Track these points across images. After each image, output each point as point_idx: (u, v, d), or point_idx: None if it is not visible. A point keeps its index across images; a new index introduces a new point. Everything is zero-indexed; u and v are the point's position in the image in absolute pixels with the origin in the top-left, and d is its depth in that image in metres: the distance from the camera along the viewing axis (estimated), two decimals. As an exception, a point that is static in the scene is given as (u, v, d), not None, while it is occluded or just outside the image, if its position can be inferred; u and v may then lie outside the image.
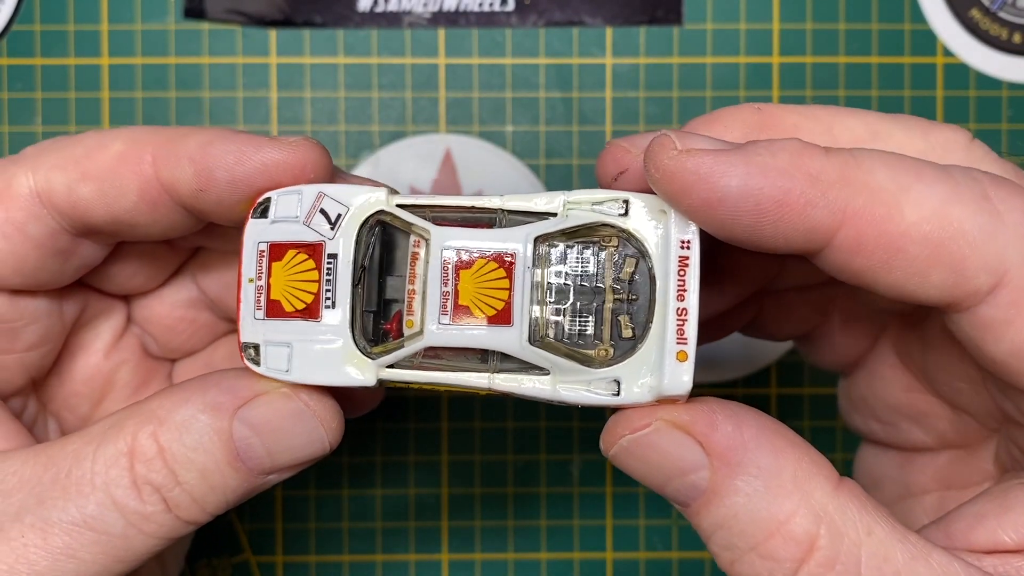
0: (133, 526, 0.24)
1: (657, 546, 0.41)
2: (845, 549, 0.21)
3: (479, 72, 0.41)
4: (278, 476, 0.26)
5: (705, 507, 0.22)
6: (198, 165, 0.25)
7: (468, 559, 0.41)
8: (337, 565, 0.41)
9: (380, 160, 0.41)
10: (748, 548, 0.22)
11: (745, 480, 0.22)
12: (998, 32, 0.41)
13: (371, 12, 0.41)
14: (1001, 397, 0.25)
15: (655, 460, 0.23)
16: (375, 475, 0.41)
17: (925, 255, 0.21)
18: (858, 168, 0.21)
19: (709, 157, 0.21)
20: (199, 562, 0.41)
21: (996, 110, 0.41)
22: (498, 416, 0.41)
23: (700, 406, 0.23)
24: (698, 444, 0.22)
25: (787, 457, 0.22)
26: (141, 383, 0.32)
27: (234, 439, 0.24)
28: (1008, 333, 0.21)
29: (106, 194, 0.26)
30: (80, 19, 0.40)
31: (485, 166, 0.41)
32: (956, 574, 0.21)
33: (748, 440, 0.22)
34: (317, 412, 0.25)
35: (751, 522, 0.22)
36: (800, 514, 0.21)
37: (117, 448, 0.24)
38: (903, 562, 0.21)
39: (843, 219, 0.21)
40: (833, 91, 0.41)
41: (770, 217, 0.21)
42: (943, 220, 0.21)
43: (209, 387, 0.25)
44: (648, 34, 0.41)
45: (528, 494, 0.41)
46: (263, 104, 0.41)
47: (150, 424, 0.24)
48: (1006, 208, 0.21)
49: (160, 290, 0.32)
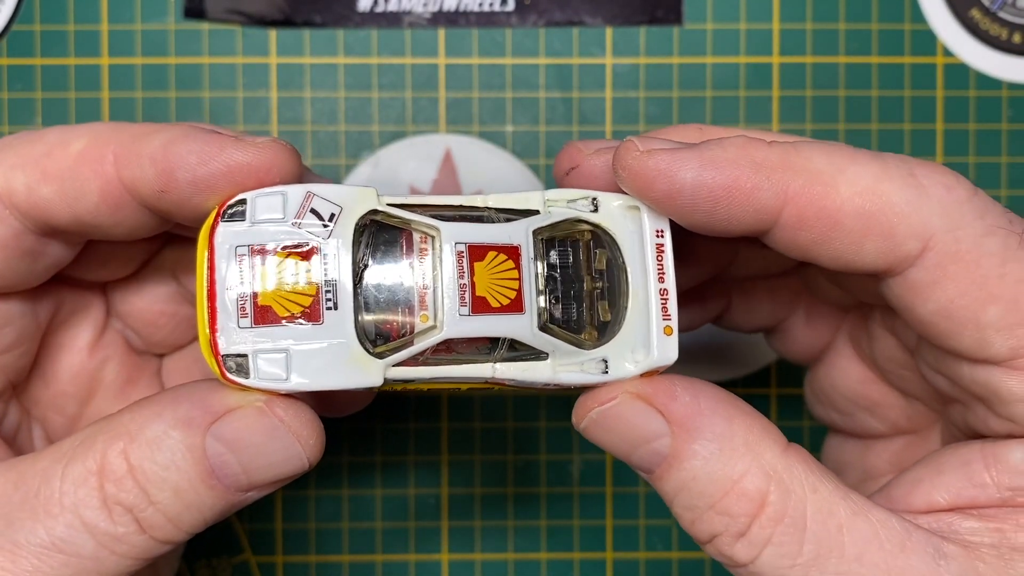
0: (104, 548, 0.23)
1: (657, 546, 0.41)
2: (793, 504, 0.23)
3: (479, 72, 0.41)
4: (257, 493, 0.25)
5: (667, 471, 0.24)
6: (159, 166, 0.24)
7: (468, 559, 0.41)
8: (337, 565, 0.41)
9: (380, 160, 0.41)
10: (707, 507, 0.24)
11: (702, 444, 0.24)
12: (998, 32, 0.41)
13: (371, 12, 0.41)
14: (932, 374, 0.27)
15: (621, 430, 0.25)
16: (375, 475, 0.41)
17: (860, 226, 0.24)
18: (798, 155, 0.24)
19: (667, 155, 0.24)
20: (199, 562, 0.41)
21: (996, 110, 0.41)
22: (498, 416, 0.41)
23: (661, 380, 0.25)
24: (659, 413, 0.24)
25: (739, 423, 0.24)
26: (128, 380, 0.32)
27: (208, 456, 0.24)
28: (935, 293, 0.24)
29: (67, 194, 0.25)
30: (80, 19, 0.40)
31: (485, 166, 0.41)
32: (893, 527, 0.24)
33: (704, 408, 0.24)
34: (292, 428, 0.24)
35: (708, 482, 0.24)
36: (752, 473, 0.24)
37: (86, 467, 0.24)
38: (845, 516, 0.24)
39: (786, 199, 0.24)
40: (833, 91, 0.41)
41: (723, 202, 0.24)
42: (874, 195, 0.24)
43: (181, 401, 0.24)
44: (648, 34, 0.41)
45: (528, 494, 0.41)
46: (263, 104, 0.41)
47: (120, 441, 0.24)
48: (929, 183, 0.24)
49: (139, 284, 0.31)
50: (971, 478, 0.25)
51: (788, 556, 0.23)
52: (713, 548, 0.24)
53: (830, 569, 0.23)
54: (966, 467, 0.25)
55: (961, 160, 0.41)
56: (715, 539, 0.24)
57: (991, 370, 0.24)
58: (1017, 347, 0.24)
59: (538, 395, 0.24)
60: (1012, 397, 0.24)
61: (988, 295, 0.23)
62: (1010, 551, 0.24)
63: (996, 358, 0.24)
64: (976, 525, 0.24)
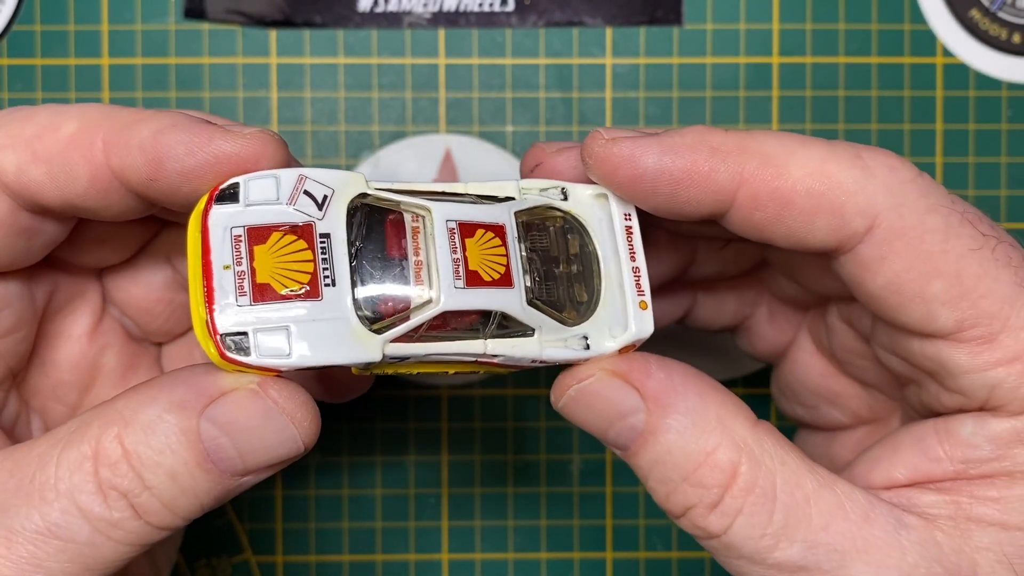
0: (100, 533, 0.23)
1: (657, 546, 0.41)
2: (763, 475, 0.24)
3: (479, 72, 0.41)
4: (254, 477, 0.25)
5: (643, 446, 0.25)
6: (148, 155, 0.24)
7: (468, 559, 0.41)
8: (337, 565, 0.41)
9: (380, 160, 0.41)
10: (681, 479, 0.25)
11: (675, 419, 0.25)
12: (998, 32, 0.41)
13: (371, 12, 0.41)
14: (887, 356, 0.28)
15: (598, 406, 0.26)
16: (375, 475, 0.41)
17: (810, 205, 0.25)
18: (752, 139, 0.25)
19: (630, 142, 0.26)
20: (199, 562, 0.41)
21: (996, 110, 0.41)
22: (498, 416, 0.41)
23: (636, 357, 0.26)
24: (634, 390, 0.25)
25: (711, 399, 0.25)
26: (128, 368, 0.32)
27: (202, 439, 0.24)
28: (882, 268, 0.25)
29: (56, 177, 0.25)
30: (80, 19, 0.40)
31: (485, 166, 0.41)
32: (857, 499, 0.25)
33: (678, 385, 0.25)
34: (287, 410, 0.24)
35: (682, 455, 0.25)
36: (723, 446, 0.25)
37: (81, 452, 0.24)
38: (812, 488, 0.25)
39: (740, 180, 0.25)
40: (833, 91, 0.41)
41: (683, 185, 0.25)
42: (823, 175, 0.25)
43: (176, 384, 0.24)
44: (648, 34, 0.41)
45: (528, 494, 0.41)
46: (263, 104, 0.41)
47: (115, 425, 0.24)
48: (875, 164, 0.25)
49: (134, 272, 0.31)
50: (926, 453, 0.26)
51: (759, 526, 0.24)
52: (687, 521, 0.25)
53: (798, 538, 0.24)
54: (921, 443, 0.26)
55: (961, 160, 0.41)
56: (689, 511, 0.25)
57: (938, 344, 0.25)
58: (961, 319, 0.25)
59: (522, 371, 0.25)
60: (959, 369, 0.25)
61: (932, 269, 0.24)
62: (966, 521, 0.25)
63: (943, 331, 0.25)
64: (933, 498, 0.25)
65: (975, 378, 0.25)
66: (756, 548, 0.24)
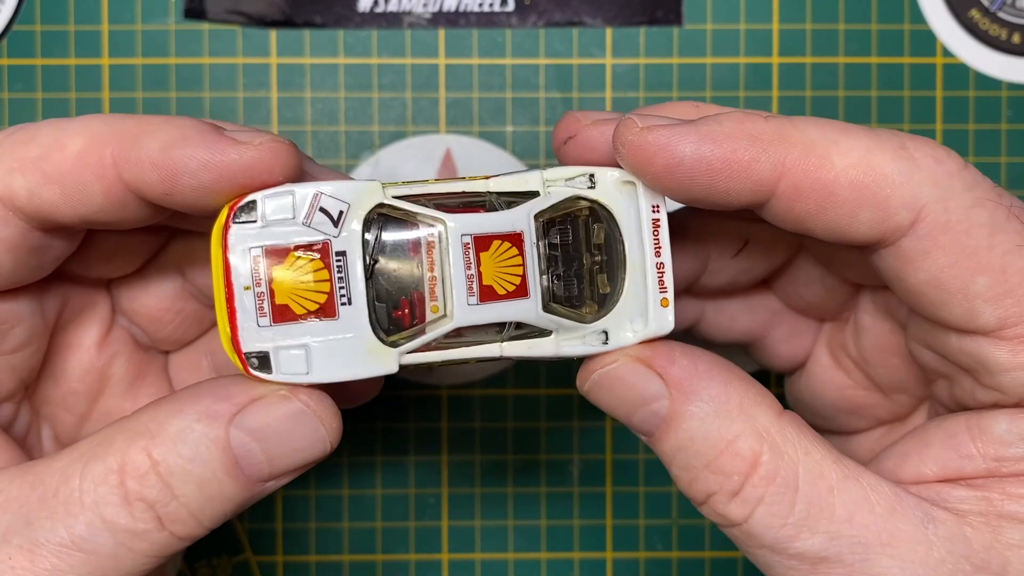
0: (123, 545, 0.24)
1: (657, 546, 0.41)
2: (785, 465, 0.24)
3: (479, 72, 0.41)
4: (275, 483, 0.25)
5: (666, 433, 0.25)
6: (161, 171, 0.24)
7: (468, 559, 0.41)
8: (337, 565, 0.41)
9: (380, 160, 0.41)
10: (702, 466, 0.25)
11: (698, 406, 0.25)
12: (998, 32, 0.41)
13: (371, 12, 0.41)
14: (920, 350, 0.28)
15: (621, 391, 0.26)
16: (375, 475, 0.41)
17: (854, 197, 0.24)
18: (793, 128, 0.24)
19: (666, 130, 0.25)
20: (199, 562, 0.41)
21: (996, 110, 0.41)
22: (498, 416, 0.41)
23: (660, 345, 0.26)
24: (658, 376, 0.25)
25: (735, 387, 0.25)
26: (136, 376, 0.32)
27: (232, 447, 0.24)
28: (926, 263, 0.24)
29: (70, 196, 0.25)
30: (80, 19, 0.40)
31: (485, 166, 0.41)
32: (883, 491, 0.24)
33: (702, 372, 0.25)
34: (317, 412, 0.25)
35: (704, 442, 0.24)
36: (746, 434, 0.24)
37: (107, 465, 0.24)
38: (836, 479, 0.24)
39: (782, 171, 0.24)
40: (833, 91, 0.41)
41: (721, 175, 0.24)
42: (867, 166, 0.24)
43: (203, 396, 0.24)
44: (648, 34, 0.41)
45: (528, 494, 0.41)
46: (263, 104, 0.41)
47: (141, 439, 0.24)
48: (920, 155, 0.24)
49: (144, 281, 0.31)
50: (957, 450, 0.25)
51: (780, 515, 0.24)
52: (709, 508, 0.25)
53: (820, 528, 0.24)
54: (952, 439, 0.26)
55: (961, 160, 0.41)
56: (710, 498, 0.25)
57: (979, 340, 0.25)
58: (1004, 317, 0.24)
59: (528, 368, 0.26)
60: (999, 367, 0.24)
61: (977, 265, 0.24)
62: (997, 518, 0.24)
63: (984, 328, 0.24)
64: (964, 494, 0.25)
65: (1015, 376, 0.24)
66: (777, 537, 0.24)
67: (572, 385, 0.41)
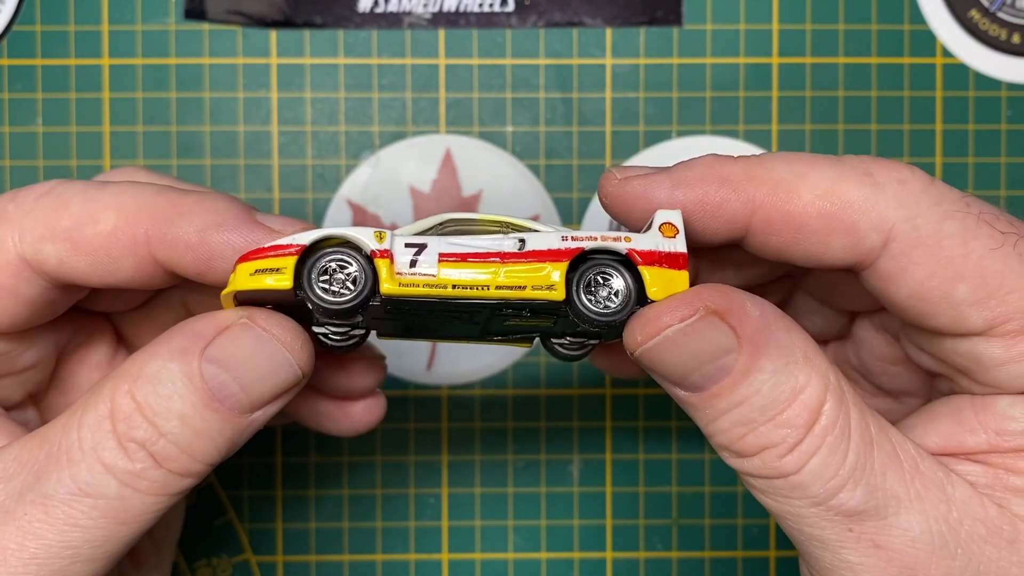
0: (127, 486, 0.25)
1: (657, 546, 0.41)
2: (843, 413, 0.24)
3: (479, 72, 0.41)
4: (262, 414, 0.26)
5: (729, 388, 0.24)
6: (197, 254, 0.26)
7: (468, 559, 0.41)
8: (337, 565, 0.41)
9: (380, 160, 0.41)
10: (765, 419, 0.24)
11: (768, 359, 0.24)
12: (997, 32, 0.41)
13: (371, 13, 0.41)
14: (917, 353, 0.28)
15: (695, 347, 0.24)
16: (375, 475, 0.41)
17: (823, 226, 0.25)
18: (761, 167, 0.26)
19: (642, 180, 0.26)
20: (199, 562, 0.41)
21: (995, 110, 0.41)
22: (498, 416, 0.41)
23: (730, 294, 0.25)
24: (731, 330, 0.24)
25: (797, 335, 0.25)
26: None
27: (205, 379, 0.25)
28: (905, 279, 0.25)
29: (100, 268, 0.26)
30: (81, 20, 0.40)
31: (485, 166, 0.41)
32: (908, 449, 0.25)
33: (771, 323, 0.24)
34: (277, 335, 0.25)
35: (771, 395, 0.24)
36: (812, 383, 0.24)
37: (99, 413, 0.25)
38: (875, 432, 0.25)
39: (753, 208, 0.25)
40: (832, 91, 0.41)
41: (696, 216, 0.26)
42: (833, 196, 0.25)
43: (174, 335, 0.25)
44: (648, 35, 0.41)
45: (528, 494, 0.41)
46: (263, 104, 0.41)
47: (124, 383, 0.25)
48: (884, 179, 0.25)
49: (149, 311, 0.32)
50: (962, 424, 0.26)
51: (832, 466, 0.24)
52: (758, 461, 0.25)
53: (863, 481, 0.24)
54: (957, 414, 0.26)
55: (960, 160, 0.41)
56: (764, 452, 0.24)
57: (971, 341, 0.25)
58: (991, 318, 0.25)
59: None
60: (993, 363, 0.25)
61: (955, 274, 0.25)
62: (1003, 491, 0.25)
63: (974, 331, 0.25)
64: (972, 468, 0.25)
65: (1010, 368, 0.25)
66: (825, 489, 0.24)
67: (572, 385, 0.41)
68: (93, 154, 0.40)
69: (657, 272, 0.25)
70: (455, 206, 0.40)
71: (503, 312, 0.26)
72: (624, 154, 0.41)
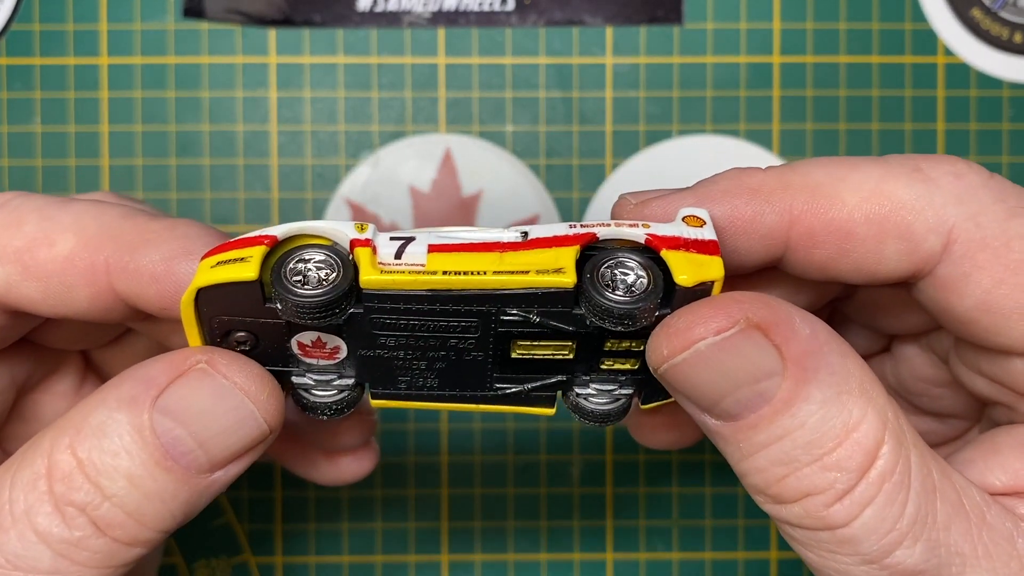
0: (63, 557, 0.21)
1: (657, 547, 0.41)
2: (903, 457, 0.20)
3: (479, 72, 0.41)
4: (224, 474, 0.22)
5: (769, 418, 0.20)
6: (162, 286, 0.22)
7: (468, 560, 0.41)
8: (337, 566, 0.41)
9: (380, 160, 0.40)
10: (811, 460, 0.20)
11: (818, 386, 0.20)
12: (999, 32, 0.41)
13: (371, 11, 0.40)
14: (971, 377, 0.25)
15: (732, 366, 0.20)
16: (375, 475, 0.41)
17: (873, 232, 0.22)
18: (794, 173, 0.23)
19: (661, 201, 0.23)
20: (198, 562, 0.40)
21: (997, 110, 0.41)
22: (498, 416, 0.41)
23: (776, 306, 0.21)
24: (775, 348, 0.20)
25: (853, 360, 0.21)
26: None
27: (157, 434, 0.21)
28: (968, 287, 0.22)
29: (52, 295, 0.23)
30: (79, 19, 0.40)
31: (485, 166, 0.41)
32: (973, 496, 0.21)
33: (822, 343, 0.20)
34: (240, 384, 0.22)
35: (818, 431, 0.20)
36: (868, 419, 0.20)
37: (34, 471, 0.21)
38: (937, 478, 0.21)
39: (791, 219, 0.22)
40: (834, 91, 0.41)
41: (727, 234, 0.22)
42: (881, 197, 0.22)
43: (123, 380, 0.22)
44: (648, 33, 0.41)
45: (528, 494, 0.41)
46: (262, 104, 0.40)
47: (65, 436, 0.21)
48: (938, 174, 0.22)
49: (119, 343, 0.29)
50: None
51: (890, 519, 0.20)
52: (799, 509, 0.21)
53: (923, 536, 0.20)
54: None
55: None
56: (807, 499, 0.21)
57: None
58: None
59: None
60: None
61: None
62: None
63: None
64: None
65: None
66: (880, 545, 0.20)
67: (572, 385, 0.41)
68: (91, 153, 0.40)
69: (684, 256, 0.21)
70: (455, 205, 0.40)
71: (507, 319, 0.22)
72: (624, 153, 0.41)
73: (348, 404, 0.25)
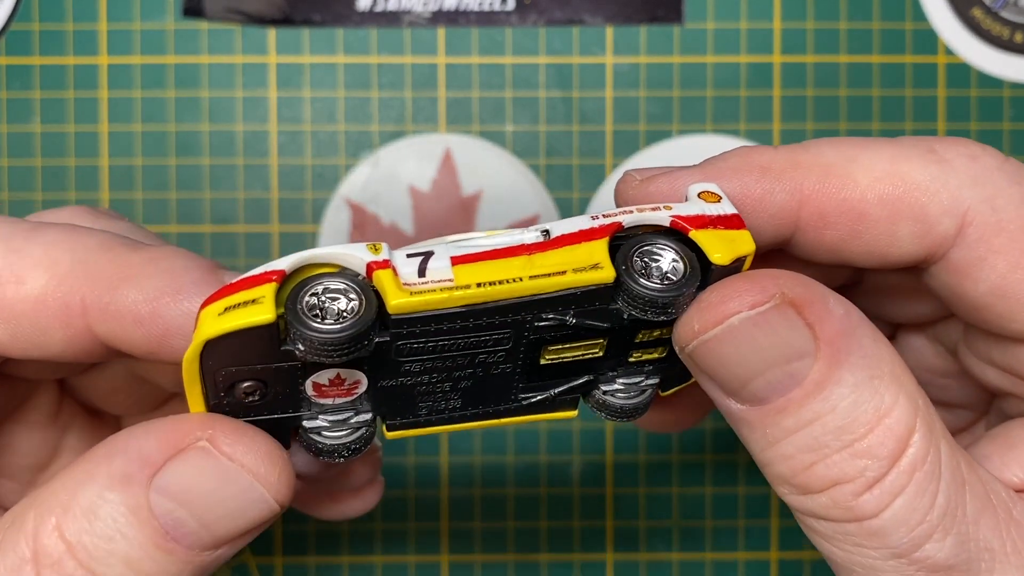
0: None
1: (658, 547, 0.41)
2: (933, 446, 0.20)
3: (479, 71, 0.41)
4: (229, 548, 0.21)
5: (799, 401, 0.19)
6: (148, 330, 0.21)
7: (468, 560, 0.41)
8: (337, 566, 0.41)
9: (380, 160, 0.40)
10: (841, 446, 0.19)
11: (851, 370, 0.19)
12: (1000, 31, 0.41)
13: (370, 11, 0.40)
14: (982, 368, 0.24)
15: (765, 344, 0.19)
16: (374, 476, 0.41)
17: (887, 213, 0.21)
18: (806, 152, 0.22)
19: (667, 177, 0.22)
20: (198, 563, 0.40)
21: (997, 110, 0.41)
22: (498, 417, 0.41)
23: (811, 285, 0.20)
24: (808, 328, 0.19)
25: (884, 345, 0.20)
26: (92, 441, 0.28)
27: (156, 516, 0.20)
28: (983, 272, 0.21)
29: (22, 339, 0.21)
30: (78, 18, 0.40)
31: (485, 166, 0.40)
32: (999, 491, 0.21)
33: (856, 326, 0.20)
34: (247, 465, 0.20)
35: (850, 416, 0.19)
36: (900, 405, 0.20)
37: (18, 555, 0.19)
38: (966, 471, 0.20)
39: (801, 198, 0.22)
40: (834, 90, 0.40)
41: None
42: (894, 177, 0.21)
43: (115, 455, 0.20)
44: (648, 33, 0.41)
45: (528, 495, 0.41)
46: (262, 103, 0.40)
47: (51, 515, 0.20)
48: (952, 155, 0.22)
49: (94, 367, 0.28)
50: None
51: (920, 509, 0.19)
52: (827, 499, 0.20)
53: (954, 529, 0.20)
54: None
55: (963, 160, 0.41)
56: (836, 488, 0.20)
57: None
58: None
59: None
60: None
61: None
62: None
63: None
64: None
65: None
66: (910, 538, 0.19)
67: (572, 386, 0.41)
68: (91, 153, 0.40)
69: (713, 234, 0.20)
70: (455, 205, 0.40)
71: (540, 325, 0.21)
72: (624, 153, 0.41)
73: (365, 441, 0.23)
